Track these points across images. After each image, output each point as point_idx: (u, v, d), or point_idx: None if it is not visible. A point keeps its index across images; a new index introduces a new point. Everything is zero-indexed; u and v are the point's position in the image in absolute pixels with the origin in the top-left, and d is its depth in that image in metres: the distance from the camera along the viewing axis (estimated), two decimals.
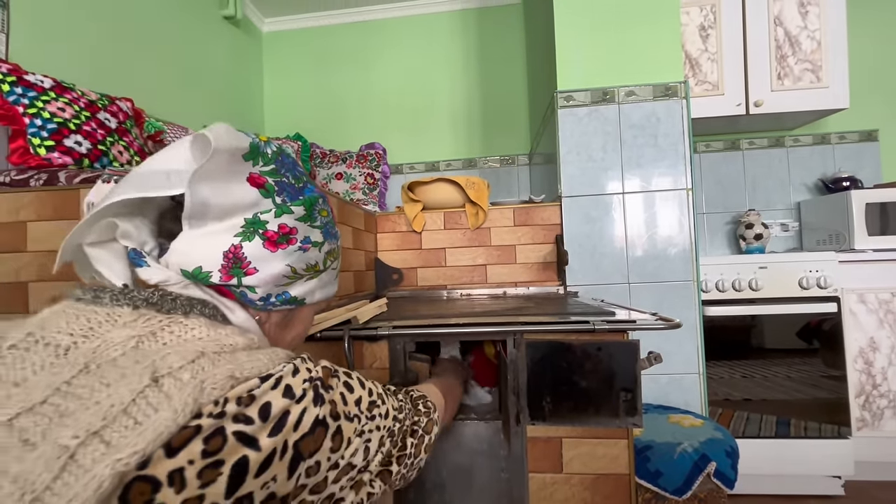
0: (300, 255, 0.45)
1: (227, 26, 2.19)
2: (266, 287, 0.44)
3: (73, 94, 1.15)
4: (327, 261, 0.50)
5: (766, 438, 1.52)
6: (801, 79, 1.80)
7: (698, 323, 1.36)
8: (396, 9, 2.39)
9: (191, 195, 0.38)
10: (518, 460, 0.80)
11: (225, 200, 0.40)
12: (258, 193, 0.42)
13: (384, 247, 1.50)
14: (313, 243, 0.46)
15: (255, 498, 0.31)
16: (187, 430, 0.28)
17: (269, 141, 0.44)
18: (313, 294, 0.49)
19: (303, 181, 0.46)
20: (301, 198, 0.45)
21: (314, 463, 0.35)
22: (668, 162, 1.40)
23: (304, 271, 0.46)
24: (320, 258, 0.48)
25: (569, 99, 1.45)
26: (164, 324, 0.36)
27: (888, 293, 1.56)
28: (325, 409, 0.37)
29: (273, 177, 0.43)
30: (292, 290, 0.46)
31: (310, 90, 2.46)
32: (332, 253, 0.51)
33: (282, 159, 0.45)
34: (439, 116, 2.36)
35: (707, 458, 1.04)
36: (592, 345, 0.77)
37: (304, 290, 0.48)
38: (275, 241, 0.43)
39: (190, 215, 0.39)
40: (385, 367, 0.83)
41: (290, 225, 0.44)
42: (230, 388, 0.32)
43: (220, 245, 0.41)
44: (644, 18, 1.44)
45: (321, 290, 0.51)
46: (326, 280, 0.51)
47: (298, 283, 0.47)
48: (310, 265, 0.47)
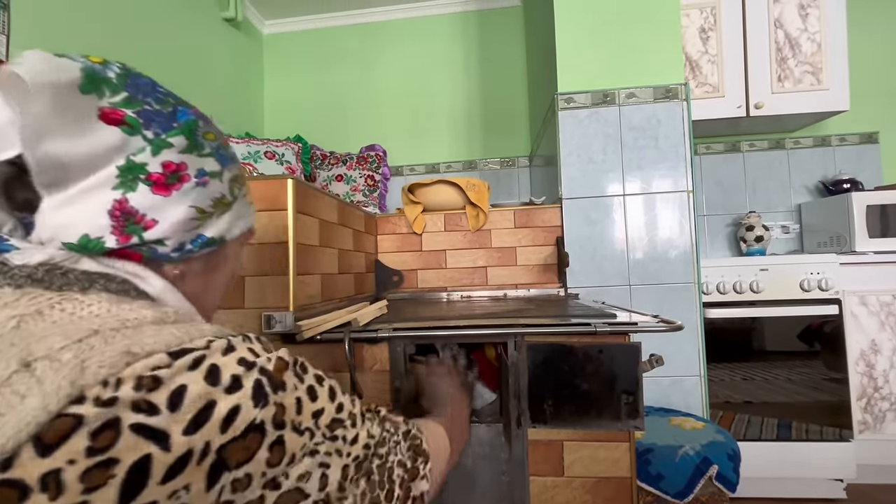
0: (201, 191, 0.39)
1: (228, 28, 2.19)
2: (176, 236, 0.37)
3: None
4: (234, 189, 0.43)
5: (768, 441, 1.52)
6: (801, 81, 1.80)
7: (699, 325, 1.35)
8: (396, 11, 2.40)
9: (34, 157, 0.31)
10: (519, 463, 0.80)
11: (82, 151, 0.32)
12: (121, 132, 0.34)
13: (384, 249, 1.50)
14: (211, 174, 0.40)
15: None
16: (64, 420, 0.23)
17: (108, 61, 0.35)
18: (231, 229, 0.44)
19: (170, 104, 0.38)
20: (176, 125, 0.37)
21: (243, 476, 0.28)
22: (668, 164, 1.40)
23: (213, 208, 0.40)
24: (225, 189, 0.42)
25: (569, 101, 1.45)
26: (55, 301, 0.30)
27: (889, 295, 1.56)
28: (268, 412, 0.30)
29: (130, 107, 0.34)
30: (207, 231, 0.40)
31: (310, 92, 2.46)
32: (237, 179, 0.44)
33: (133, 81, 0.36)
34: (439, 118, 2.36)
35: (709, 461, 1.03)
36: (594, 347, 0.76)
37: (221, 228, 0.42)
38: (164, 184, 0.36)
39: (45, 182, 0.32)
40: (385, 370, 0.83)
41: (175, 161, 0.36)
42: (124, 367, 0.25)
43: (101, 204, 0.33)
44: (644, 20, 1.44)
45: (239, 222, 0.45)
46: (241, 210, 0.45)
47: (211, 222, 0.41)
48: (216, 199, 0.40)
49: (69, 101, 0.31)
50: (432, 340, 0.86)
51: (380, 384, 0.82)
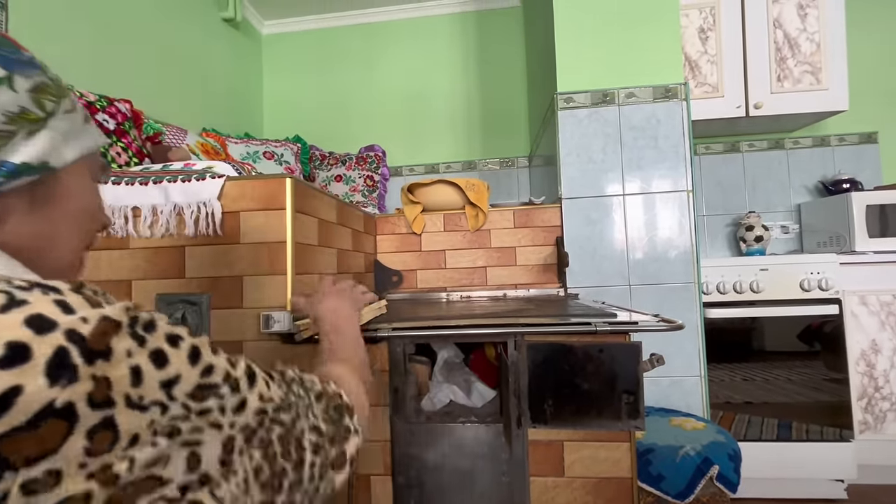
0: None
1: (227, 28, 2.19)
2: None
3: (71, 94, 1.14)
4: (45, 102, 0.34)
5: (768, 441, 1.51)
6: (800, 81, 1.80)
7: (699, 325, 1.35)
8: (395, 11, 2.39)
9: None
10: (519, 464, 0.79)
11: None
12: None
13: (384, 249, 1.50)
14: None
15: None
16: None
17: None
18: (58, 153, 0.35)
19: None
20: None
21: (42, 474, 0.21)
22: (668, 164, 1.40)
23: (9, 124, 0.32)
24: (25, 100, 0.33)
25: (569, 101, 1.44)
26: None
27: (889, 295, 1.56)
28: (77, 389, 0.22)
29: None
30: (11, 155, 0.32)
31: (309, 92, 2.46)
32: (45, 89, 0.35)
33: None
34: (439, 118, 2.36)
35: (710, 461, 1.03)
36: (594, 347, 0.76)
37: (35, 152, 0.33)
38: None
39: None
40: (385, 370, 0.82)
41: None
42: None
43: None
44: (644, 20, 1.44)
45: (72, 144, 0.36)
46: (68, 128, 0.36)
47: (14, 145, 0.32)
48: (11, 114, 0.32)
49: None
50: (432, 340, 0.86)
51: (379, 384, 0.82)
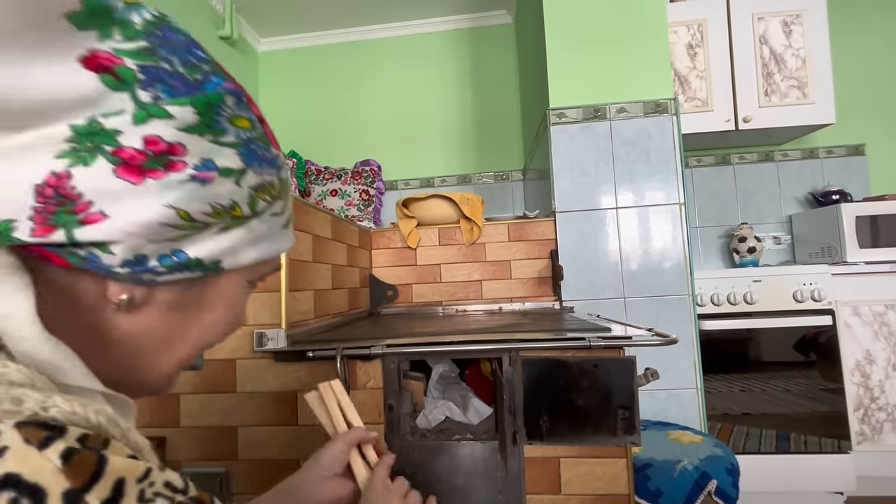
0: (194, 189, 0.27)
1: (224, 46, 2.22)
2: (130, 243, 0.26)
3: None
4: (258, 202, 0.31)
5: (767, 454, 1.51)
6: (787, 95, 1.84)
7: (695, 337, 1.35)
8: (390, 29, 2.44)
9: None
10: (515, 481, 0.78)
11: (24, 92, 0.22)
12: (99, 82, 0.23)
13: (379, 263, 1.50)
14: (221, 171, 0.28)
15: None
16: None
17: (140, 3, 0.26)
18: (236, 254, 0.31)
19: (201, 71, 0.27)
20: (195, 93, 0.26)
21: None
22: (660, 177, 1.41)
23: (210, 217, 0.28)
24: (241, 196, 0.29)
25: (561, 116, 1.46)
26: None
27: (882, 305, 1.57)
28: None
29: (138, 58, 0.24)
30: (190, 248, 0.28)
31: (305, 108, 2.48)
32: (266, 188, 0.31)
33: (164, 34, 0.26)
34: (433, 133, 2.39)
35: (708, 475, 1.02)
36: (589, 362, 0.76)
37: (217, 248, 0.29)
38: (139, 166, 0.25)
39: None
40: (379, 387, 0.82)
41: (167, 138, 0.25)
42: None
43: (29, 173, 0.23)
44: (633, 37, 1.47)
45: (253, 248, 0.32)
46: (262, 231, 0.32)
47: (201, 237, 0.28)
48: (219, 207, 0.28)
49: (42, 27, 0.22)
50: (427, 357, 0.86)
51: (373, 402, 0.81)
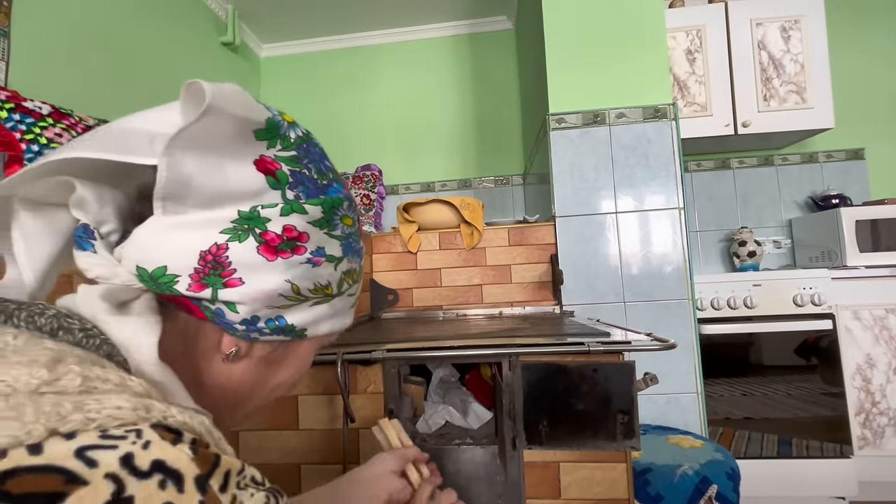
0: (307, 269, 0.33)
1: (226, 52, 2.24)
2: (252, 306, 0.32)
3: (71, 119, 1.16)
4: (343, 283, 0.37)
5: (768, 459, 1.50)
6: (786, 100, 1.85)
7: (695, 342, 1.35)
8: (391, 35, 2.45)
9: (168, 165, 0.28)
10: (515, 486, 0.78)
11: (216, 182, 0.29)
12: (265, 182, 0.31)
13: (380, 268, 1.50)
14: (328, 257, 0.35)
15: None
16: None
17: (296, 123, 0.35)
18: (318, 325, 0.37)
19: (328, 178, 0.35)
20: (322, 196, 0.34)
21: None
22: (659, 181, 1.42)
23: (311, 293, 0.35)
24: (335, 278, 0.36)
25: (560, 121, 1.47)
26: None
27: (882, 309, 1.57)
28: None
29: (291, 165, 0.33)
30: (289, 315, 0.34)
31: (306, 114, 2.50)
32: (351, 274, 0.38)
33: (307, 147, 0.35)
34: (434, 138, 2.40)
35: (708, 480, 1.02)
36: (588, 366, 0.76)
37: (307, 318, 0.36)
38: (275, 247, 0.31)
39: (165, 194, 0.28)
40: (380, 392, 0.82)
41: (299, 228, 0.32)
42: None
43: (199, 241, 0.29)
44: (632, 43, 1.48)
45: (329, 321, 0.38)
46: (339, 308, 0.39)
47: (300, 308, 0.35)
48: (319, 285, 0.35)
49: (238, 137, 0.30)
50: (427, 361, 0.86)
51: (373, 407, 0.81)
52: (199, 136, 0.28)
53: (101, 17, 1.54)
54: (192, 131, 0.28)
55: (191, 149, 0.28)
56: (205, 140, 0.29)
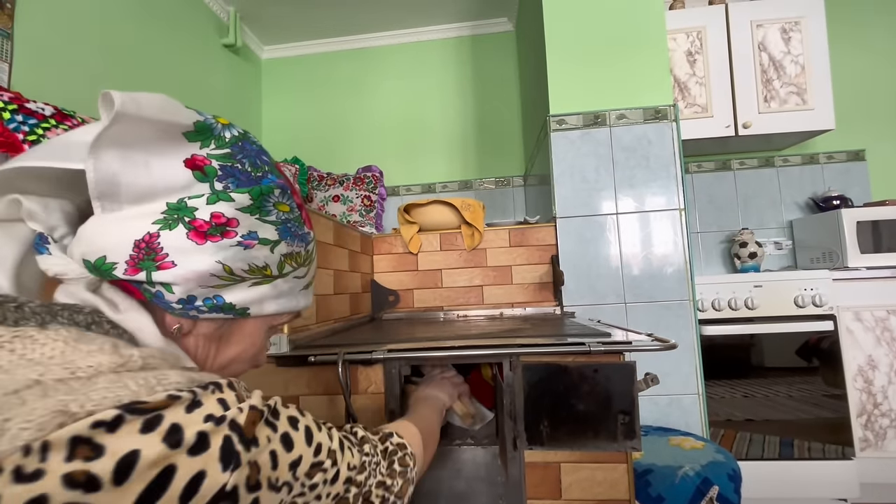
0: (238, 251, 0.36)
1: (227, 54, 2.24)
2: (186, 286, 0.35)
3: (74, 121, 1.17)
4: (284, 265, 0.41)
5: (770, 460, 1.50)
6: (786, 101, 1.85)
7: (696, 343, 1.35)
8: (392, 37, 2.46)
9: (94, 167, 0.31)
10: (516, 486, 0.78)
11: (143, 180, 0.33)
12: (191, 176, 0.35)
13: (380, 269, 1.51)
14: (261, 240, 0.38)
15: None
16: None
17: (232, 125, 0.38)
18: (261, 304, 0.40)
19: (263, 170, 0.39)
20: (252, 186, 0.37)
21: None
22: (660, 183, 1.42)
23: (247, 273, 0.38)
24: (272, 260, 0.39)
25: (561, 122, 1.48)
26: (6, 340, 0.27)
27: (884, 311, 1.57)
28: (240, 474, 0.27)
29: (222, 161, 0.36)
30: (227, 294, 0.37)
31: (307, 115, 2.50)
32: (293, 257, 0.41)
33: (243, 145, 0.38)
34: (435, 139, 2.40)
35: (709, 481, 1.02)
36: (589, 367, 0.76)
37: (247, 297, 0.39)
38: (203, 232, 0.35)
39: (99, 194, 0.32)
40: (380, 392, 0.82)
41: (227, 214, 0.36)
42: (55, 428, 0.21)
43: (133, 232, 0.33)
44: (632, 44, 1.48)
45: (274, 301, 0.41)
46: (284, 289, 0.42)
47: (237, 287, 0.38)
48: (255, 266, 0.38)
49: (162, 139, 0.34)
50: (427, 361, 0.86)
51: (374, 407, 0.81)
52: (119, 138, 0.32)
53: (104, 19, 1.54)
54: (110, 134, 0.31)
55: (112, 149, 0.32)
56: (125, 141, 0.32)
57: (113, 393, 0.24)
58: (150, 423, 0.24)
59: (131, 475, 0.22)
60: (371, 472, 0.43)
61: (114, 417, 0.23)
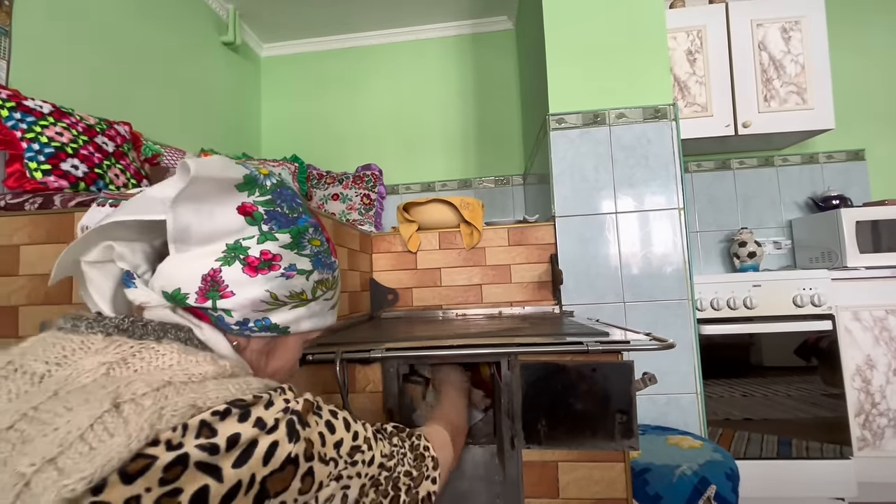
0: (282, 281, 0.45)
1: (227, 52, 2.24)
2: (242, 311, 0.43)
3: (72, 118, 1.17)
4: (317, 290, 0.49)
5: (768, 459, 1.50)
6: (786, 101, 1.85)
7: (694, 342, 1.35)
8: (392, 35, 2.46)
9: (173, 219, 0.40)
10: (514, 485, 0.78)
11: (208, 226, 0.42)
12: (244, 221, 0.43)
13: (379, 267, 1.51)
14: (299, 271, 0.46)
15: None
16: (144, 458, 0.28)
17: (272, 174, 0.47)
18: (299, 323, 0.48)
19: (298, 212, 0.47)
20: (291, 226, 0.46)
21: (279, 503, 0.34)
22: (659, 182, 1.42)
23: (288, 298, 0.46)
24: (308, 286, 0.48)
25: (560, 121, 1.47)
26: (136, 350, 0.37)
27: (882, 310, 1.57)
28: (300, 446, 0.36)
29: (266, 206, 0.45)
30: (273, 316, 0.46)
31: (307, 113, 2.50)
32: (323, 283, 0.50)
33: (280, 191, 0.47)
34: (434, 138, 2.40)
35: (707, 480, 1.02)
36: (587, 366, 0.76)
37: (288, 318, 0.47)
38: (255, 267, 0.43)
39: (174, 238, 0.41)
40: (378, 391, 0.82)
41: (272, 251, 0.44)
42: (191, 417, 0.31)
43: (201, 268, 0.42)
44: (632, 43, 1.48)
45: (309, 320, 0.50)
46: (316, 310, 0.50)
47: (280, 311, 0.46)
48: (294, 292, 0.46)
49: (222, 192, 0.43)
50: (425, 361, 0.86)
51: (372, 406, 0.81)
52: (193, 196, 0.41)
53: (103, 17, 1.54)
54: (186, 193, 0.40)
55: (188, 204, 0.41)
56: (197, 197, 0.41)
57: (221, 394, 0.34)
58: (244, 416, 0.33)
59: (235, 446, 0.32)
60: (399, 461, 0.50)
61: (224, 410, 0.33)
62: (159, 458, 0.28)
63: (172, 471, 0.29)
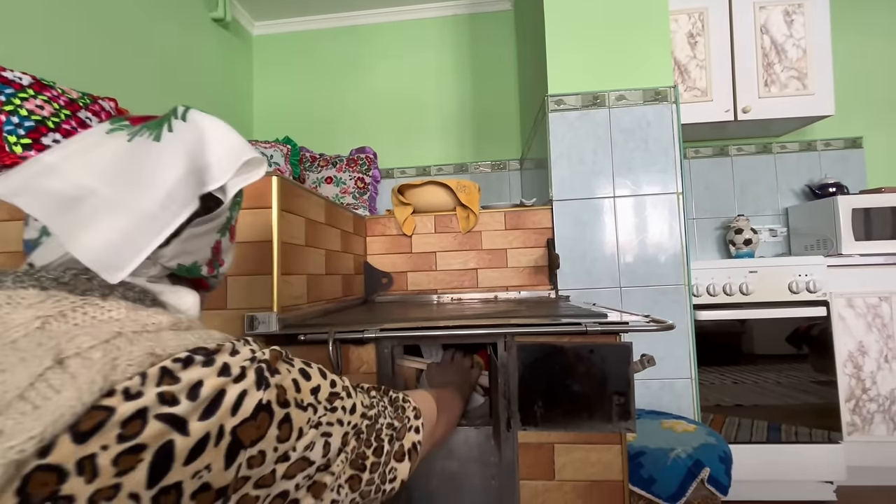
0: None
1: (216, 28, 2.17)
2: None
3: (53, 91, 1.12)
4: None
5: (758, 444, 1.52)
6: (787, 86, 1.82)
7: (690, 327, 1.35)
8: (387, 14, 2.39)
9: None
10: (509, 467, 0.78)
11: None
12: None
13: (374, 251, 1.48)
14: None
15: (184, 488, 0.27)
16: (99, 411, 0.25)
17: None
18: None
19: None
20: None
21: (257, 453, 0.32)
22: (658, 166, 1.40)
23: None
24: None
25: (559, 103, 1.44)
26: (77, 304, 0.33)
27: (875, 297, 1.57)
28: (271, 393, 0.34)
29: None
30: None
31: (300, 94, 2.44)
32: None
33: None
34: (430, 121, 2.36)
35: (701, 463, 1.02)
36: (585, 347, 0.75)
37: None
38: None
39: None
40: (373, 371, 0.81)
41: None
42: (150, 366, 0.29)
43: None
44: (634, 24, 1.45)
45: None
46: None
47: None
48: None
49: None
50: (420, 341, 0.85)
51: None
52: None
53: None
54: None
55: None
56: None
57: (181, 342, 0.33)
58: (208, 363, 0.32)
59: (199, 397, 0.30)
60: (380, 412, 0.50)
61: (186, 357, 0.31)
62: (117, 410, 0.26)
63: (132, 425, 0.26)
